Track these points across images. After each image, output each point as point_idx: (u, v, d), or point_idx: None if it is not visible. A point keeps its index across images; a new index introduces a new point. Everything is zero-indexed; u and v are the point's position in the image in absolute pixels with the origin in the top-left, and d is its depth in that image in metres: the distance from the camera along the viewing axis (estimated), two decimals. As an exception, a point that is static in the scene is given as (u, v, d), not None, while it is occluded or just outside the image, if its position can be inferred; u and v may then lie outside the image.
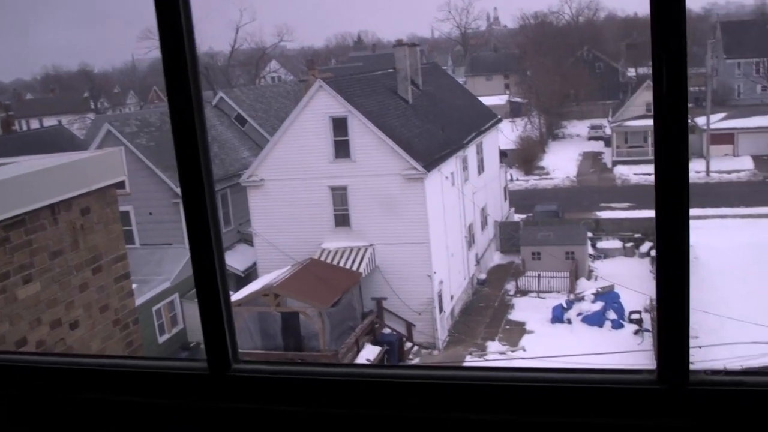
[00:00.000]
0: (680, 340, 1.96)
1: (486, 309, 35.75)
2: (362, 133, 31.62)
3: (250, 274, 33.90)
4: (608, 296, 33.49)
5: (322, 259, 31.64)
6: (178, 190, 33.29)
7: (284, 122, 33.05)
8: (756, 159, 57.16)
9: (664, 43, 1.81)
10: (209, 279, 2.26)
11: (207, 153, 2.23)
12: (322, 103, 31.75)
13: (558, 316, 33.29)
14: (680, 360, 1.97)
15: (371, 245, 32.05)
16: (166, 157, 34.59)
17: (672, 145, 1.86)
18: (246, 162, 37.05)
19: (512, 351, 30.77)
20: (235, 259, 34.91)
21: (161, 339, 31.12)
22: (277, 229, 32.43)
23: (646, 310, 32.91)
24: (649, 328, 31.51)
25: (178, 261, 32.95)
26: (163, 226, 34.12)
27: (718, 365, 20.48)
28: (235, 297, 29.00)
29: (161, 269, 32.42)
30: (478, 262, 39.41)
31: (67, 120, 73.43)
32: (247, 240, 35.35)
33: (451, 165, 35.58)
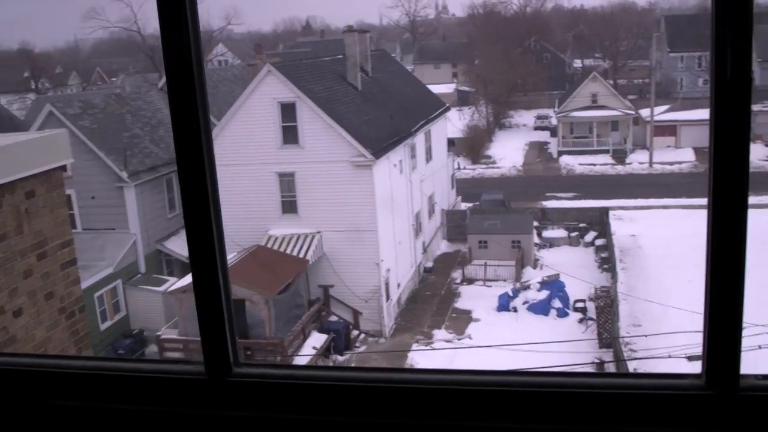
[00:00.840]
0: (733, 342, 1.85)
1: (433, 297, 35.84)
2: (311, 119, 31.35)
3: (196, 261, 33.37)
4: (554, 285, 33.83)
5: (269, 246, 31.36)
6: (123, 174, 32.69)
7: (232, 107, 32.60)
8: (697, 151, 58.29)
9: (729, 20, 1.68)
10: (208, 272, 2.06)
11: (210, 144, 2.05)
12: (271, 88, 31.37)
13: (504, 304, 33.52)
14: (731, 364, 1.86)
15: (318, 232, 31.85)
16: (110, 140, 33.87)
17: (734, 135, 1.73)
18: (192, 146, 36.38)
19: (459, 339, 30.90)
20: (180, 245, 34.39)
21: (103, 326, 30.52)
22: (223, 215, 31.76)
23: (591, 299, 33.34)
24: (594, 317, 31.93)
25: (121, 246, 32.34)
26: (106, 210, 33.42)
27: (663, 353, 20.82)
28: (179, 284, 28.59)
29: (104, 255, 31.76)
30: (425, 250, 39.47)
31: (6, 100, 71.53)
32: (193, 226, 34.78)
33: (400, 153, 35.51)
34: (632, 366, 25.28)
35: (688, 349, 17.88)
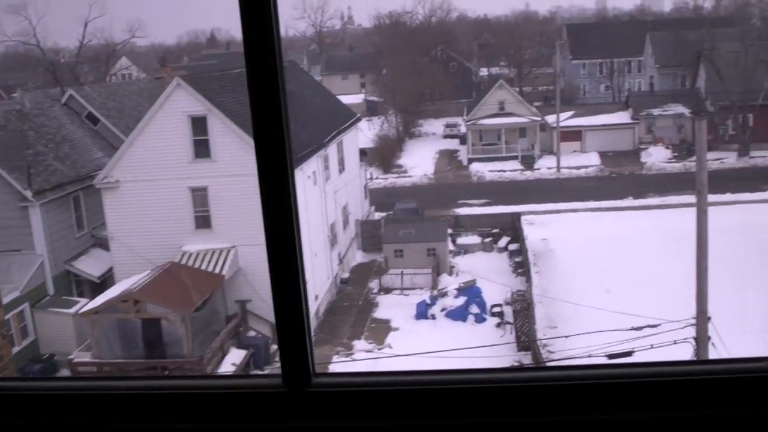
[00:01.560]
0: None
1: (350, 308, 35.75)
2: (223, 132, 30.92)
3: (107, 280, 32.51)
4: (470, 291, 34.18)
5: (183, 262, 30.74)
6: (27, 193, 31.54)
7: (140, 121, 31.88)
8: (602, 155, 59.90)
9: None
10: (289, 283, 2.06)
11: (290, 153, 2.01)
12: (181, 102, 30.83)
13: (422, 312, 33.69)
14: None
15: (234, 247, 31.39)
16: (12, 158, 32.66)
17: None
18: (100, 163, 35.47)
19: (379, 349, 30.89)
20: (90, 265, 33.41)
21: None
22: (134, 233, 31.22)
23: (507, 303, 33.80)
24: (511, 321, 32.37)
25: (27, 268, 31.19)
26: (10, 231, 32.17)
27: (578, 353, 21.21)
28: (90, 305, 27.73)
29: (9, 277, 30.56)
30: (341, 261, 39.37)
31: None
32: (103, 244, 33.86)
33: (313, 164, 35.36)
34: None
35: (606, 348, 18.28)
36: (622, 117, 62.78)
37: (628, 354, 17.15)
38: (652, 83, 69.12)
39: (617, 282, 33.08)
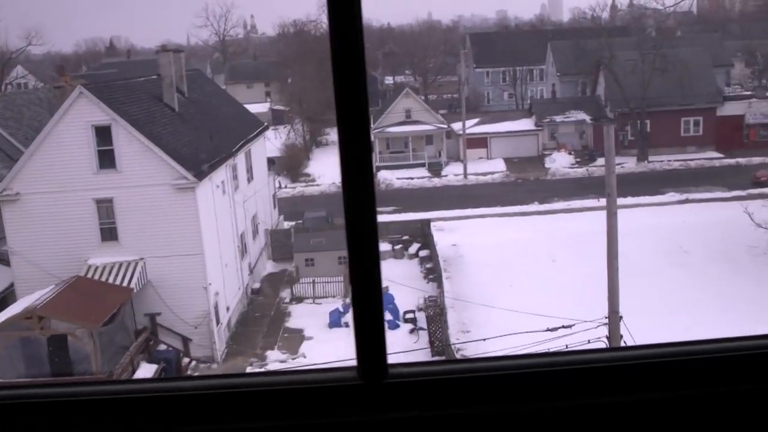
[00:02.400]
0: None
1: (263, 318, 35.35)
2: (128, 142, 30.15)
3: (7, 297, 31.23)
4: (383, 298, 34.18)
5: (89, 276, 29.80)
6: None
7: (41, 132, 30.81)
8: (507, 161, 61.04)
9: None
10: (367, 273, 1.96)
11: (370, 149, 1.89)
12: (83, 111, 29.93)
13: (335, 320, 33.58)
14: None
15: (142, 259, 30.61)
16: None
17: None
18: (-3, 175, 34.13)
19: (293, 359, 30.63)
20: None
21: None
22: (37, 247, 30.10)
23: (420, 309, 34.01)
24: (424, 326, 32.57)
25: None
26: None
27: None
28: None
29: None
30: (251, 271, 38.91)
31: None
32: (3, 259, 32.56)
33: (222, 173, 34.86)
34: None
35: (522, 348, 18.53)
36: (526, 124, 64.16)
37: (545, 355, 17.40)
38: (554, 91, 70.89)
39: (527, 285, 33.70)
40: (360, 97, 1.89)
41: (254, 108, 63.39)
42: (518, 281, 34.80)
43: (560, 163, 59.68)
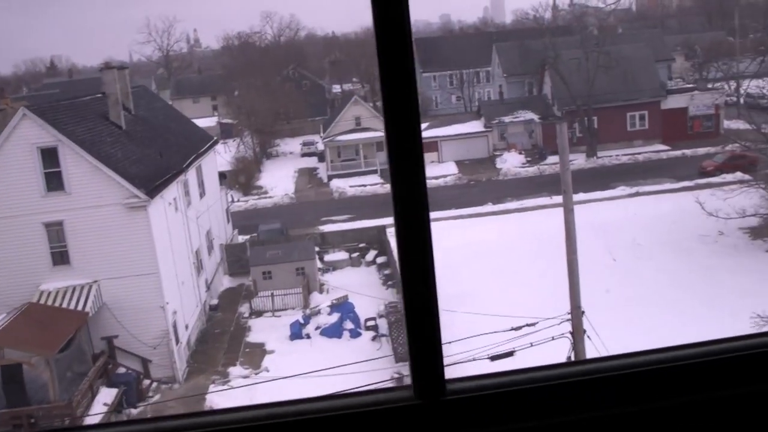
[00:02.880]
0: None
1: (222, 334, 34.90)
2: (76, 162, 29.57)
3: (-43, 328, 30.40)
4: (343, 307, 34.05)
5: (42, 302, 29.12)
6: None
7: (-16, 157, 30.07)
8: (459, 164, 61.27)
9: None
10: (422, 286, 1.92)
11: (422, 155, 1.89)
12: (28, 133, 29.27)
13: (296, 332, 33.29)
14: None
15: (96, 281, 30.00)
16: None
17: None
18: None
19: (256, 374, 30.26)
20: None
21: None
22: (-14, 274, 29.37)
23: (381, 316, 33.86)
24: (386, 333, 32.44)
25: None
26: None
27: (457, 359, 21.42)
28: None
29: None
30: (208, 287, 38.42)
31: None
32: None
33: (174, 190, 34.38)
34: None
35: (485, 350, 18.51)
36: (476, 126, 64.50)
37: (510, 354, 17.45)
38: (501, 92, 71.41)
39: (488, 285, 33.82)
40: (411, 112, 1.85)
41: (202, 122, 62.83)
42: (478, 282, 34.91)
43: (511, 163, 60.10)
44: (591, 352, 17.67)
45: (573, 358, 17.47)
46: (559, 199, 52.90)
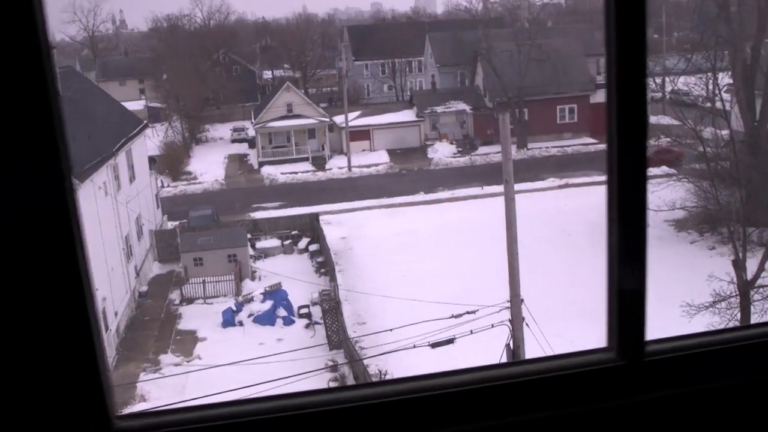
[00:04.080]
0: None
1: (152, 322, 34.34)
2: (2, 144, 28.62)
3: None
4: (276, 294, 33.85)
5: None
6: None
7: None
8: (390, 152, 61.39)
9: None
10: (634, 241, 1.90)
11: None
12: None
13: (229, 319, 32.95)
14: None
15: (22, 266, 29.14)
16: None
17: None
18: None
19: (188, 361, 29.87)
20: None
21: None
22: None
23: (314, 304, 33.76)
24: (319, 320, 32.35)
25: None
26: None
27: (402, 345, 21.50)
28: None
29: None
30: (138, 274, 37.73)
31: None
32: None
33: (103, 174, 33.64)
34: (370, 363, 25.92)
35: (428, 336, 18.60)
36: (408, 115, 64.67)
37: (450, 341, 17.58)
38: (434, 82, 71.68)
39: (420, 273, 33.99)
40: (640, 93, 1.82)
41: (129, 106, 61.36)
42: (411, 270, 35.05)
43: (443, 152, 60.47)
44: (529, 339, 17.94)
45: (512, 345, 17.70)
46: (490, 189, 53.82)
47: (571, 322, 24.58)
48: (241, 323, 32.77)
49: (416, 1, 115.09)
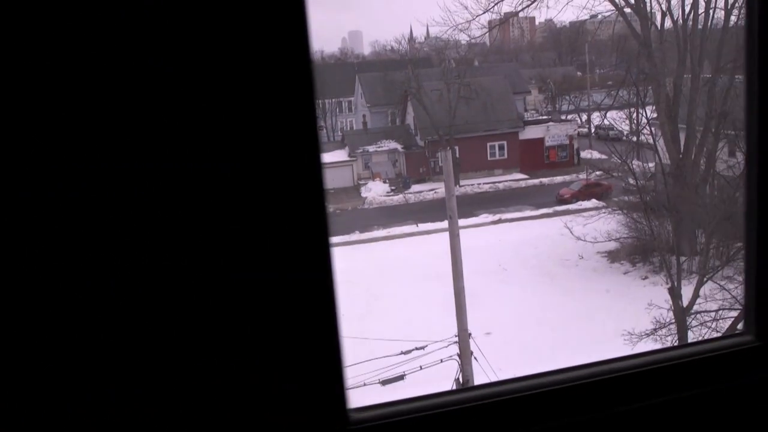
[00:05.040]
0: None
1: None
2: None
3: None
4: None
5: None
6: None
7: None
8: (324, 193, 61.30)
9: None
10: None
11: None
12: None
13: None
14: None
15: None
16: None
17: None
18: None
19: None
20: None
21: None
22: None
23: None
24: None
25: None
26: None
27: (356, 383, 21.35)
28: None
29: None
30: None
31: None
32: None
33: None
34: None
35: (376, 374, 18.56)
36: (340, 155, 64.82)
37: (401, 378, 17.56)
38: (365, 122, 72.10)
39: (360, 312, 33.91)
40: None
41: None
42: (349, 310, 34.92)
43: (376, 191, 60.72)
44: (478, 372, 18.03)
45: (461, 380, 17.77)
46: (424, 226, 54.18)
47: (512, 356, 24.78)
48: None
49: (343, 42, 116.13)
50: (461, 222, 47.91)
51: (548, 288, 36.18)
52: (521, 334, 28.94)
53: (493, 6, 41.06)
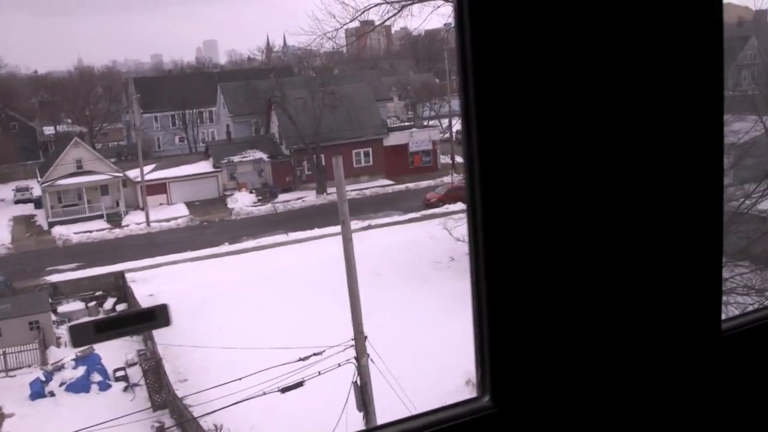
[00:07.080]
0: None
1: (-51, 402, 31.50)
2: None
3: None
4: (89, 359, 32.17)
5: None
6: None
7: None
8: (189, 205, 60.26)
9: None
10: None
11: None
12: None
13: (38, 391, 30.90)
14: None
15: None
16: None
17: None
18: None
19: (-4, 440, 27.70)
20: None
21: None
22: None
23: (131, 364, 32.40)
24: (138, 382, 31.10)
25: None
26: None
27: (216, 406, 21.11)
28: None
29: None
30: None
31: None
32: None
33: None
34: (207, 420, 25.24)
35: (277, 381, 18.48)
36: (204, 166, 63.90)
37: (300, 384, 17.59)
38: (228, 132, 71.27)
39: (239, 323, 33.57)
40: None
41: None
42: (228, 322, 34.52)
43: (243, 202, 60.18)
44: (375, 375, 18.28)
45: (359, 383, 17.97)
46: (295, 235, 54.00)
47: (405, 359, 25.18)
48: (52, 393, 30.80)
49: (198, 51, 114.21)
50: (333, 230, 48.38)
51: (421, 290, 36.88)
52: (402, 338, 29.44)
53: (360, 14, 41.70)
